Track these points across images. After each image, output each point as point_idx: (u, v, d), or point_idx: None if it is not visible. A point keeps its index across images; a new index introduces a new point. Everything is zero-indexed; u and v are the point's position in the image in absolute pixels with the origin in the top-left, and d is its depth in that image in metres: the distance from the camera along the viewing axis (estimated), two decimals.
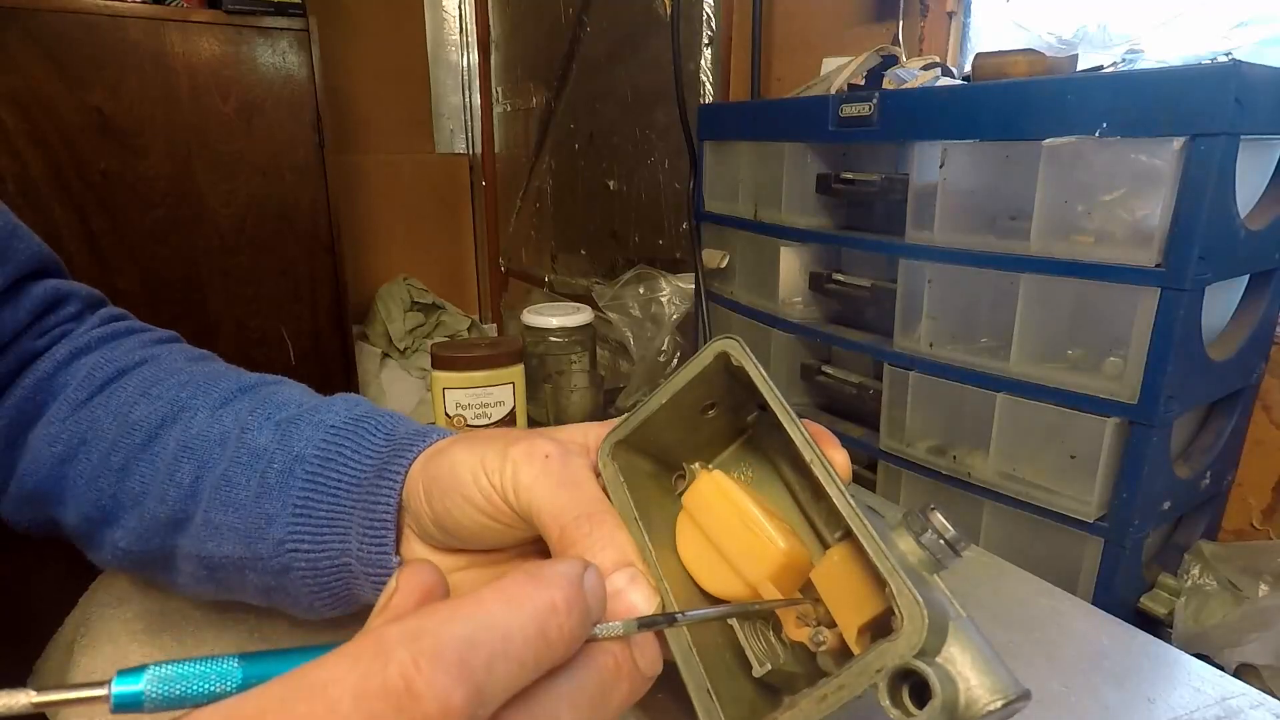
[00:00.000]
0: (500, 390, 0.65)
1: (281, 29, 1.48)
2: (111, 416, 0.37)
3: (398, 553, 0.31)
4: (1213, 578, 0.74)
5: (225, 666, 0.16)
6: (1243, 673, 0.66)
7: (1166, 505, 0.71)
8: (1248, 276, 0.73)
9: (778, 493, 0.31)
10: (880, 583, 0.22)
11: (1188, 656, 0.37)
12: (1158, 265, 0.62)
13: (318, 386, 0.40)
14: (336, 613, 0.35)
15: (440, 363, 0.64)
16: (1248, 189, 0.65)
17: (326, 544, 0.32)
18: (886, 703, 0.21)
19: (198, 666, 0.16)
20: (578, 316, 0.83)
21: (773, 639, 0.27)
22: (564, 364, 0.84)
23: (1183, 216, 0.60)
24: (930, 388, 0.81)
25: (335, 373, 1.68)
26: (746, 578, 0.26)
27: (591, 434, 0.32)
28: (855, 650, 0.23)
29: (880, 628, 0.23)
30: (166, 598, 0.40)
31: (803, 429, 0.25)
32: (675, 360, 1.40)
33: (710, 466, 0.30)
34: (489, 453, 0.28)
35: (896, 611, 0.21)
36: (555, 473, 0.27)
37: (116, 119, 1.37)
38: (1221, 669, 0.37)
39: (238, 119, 1.48)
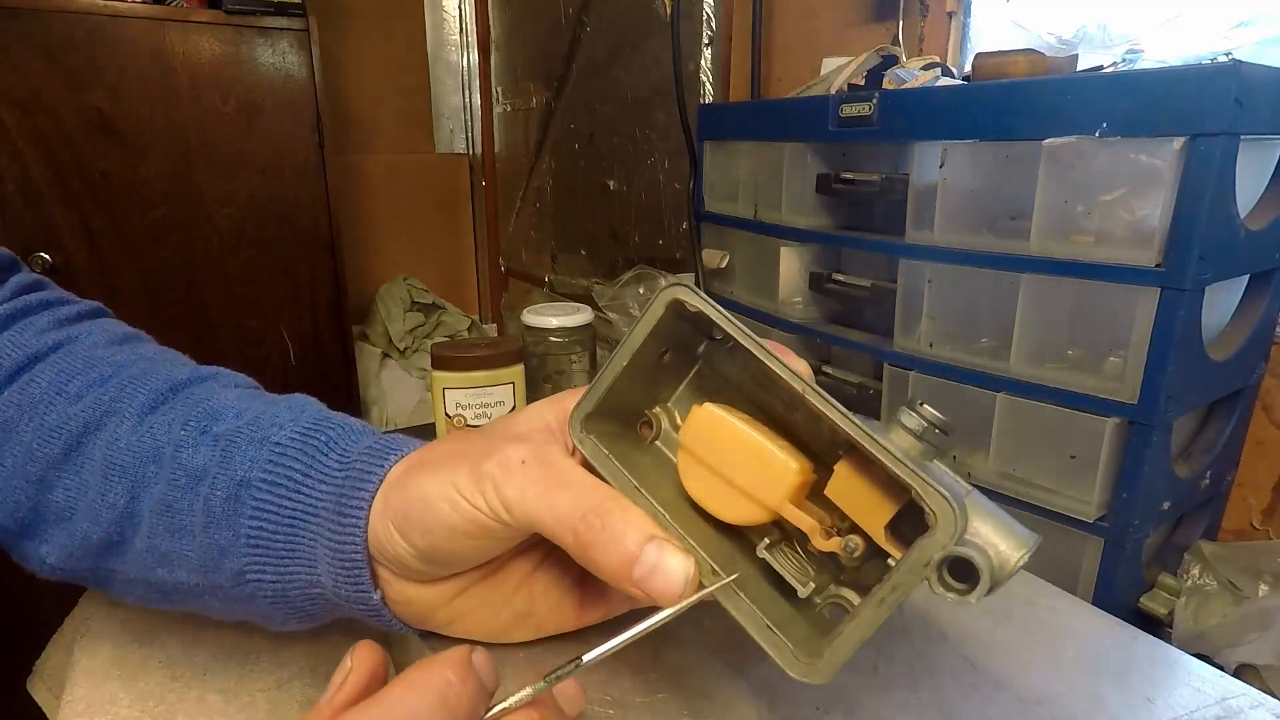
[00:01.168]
0: (500, 390, 0.65)
1: (281, 29, 1.48)
2: (25, 416, 0.32)
3: (377, 588, 0.30)
4: (1213, 578, 0.74)
5: None
6: (1243, 673, 0.66)
7: (1166, 505, 0.71)
8: (1248, 276, 0.73)
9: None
10: (890, 483, 0.24)
11: (1188, 656, 0.37)
12: (1158, 265, 0.62)
13: (318, 387, 0.38)
14: (309, 627, 0.33)
15: (440, 363, 0.64)
16: (1248, 189, 0.65)
17: (292, 574, 0.30)
18: (940, 590, 0.23)
19: None
20: (578, 316, 0.83)
21: (801, 558, 0.28)
22: (564, 364, 0.84)
23: (1183, 216, 0.60)
24: (930, 388, 0.81)
25: (335, 373, 1.68)
26: (764, 503, 0.26)
27: (549, 413, 0.31)
28: (888, 548, 0.25)
29: (902, 521, 0.25)
30: None
31: (779, 358, 0.26)
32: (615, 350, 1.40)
33: (669, 404, 0.31)
34: (459, 477, 0.27)
35: (927, 509, 0.23)
36: (539, 478, 0.27)
37: (116, 119, 1.37)
38: (1221, 669, 0.37)
39: (238, 119, 1.48)
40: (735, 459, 0.27)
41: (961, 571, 0.23)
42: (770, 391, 0.30)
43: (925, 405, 0.25)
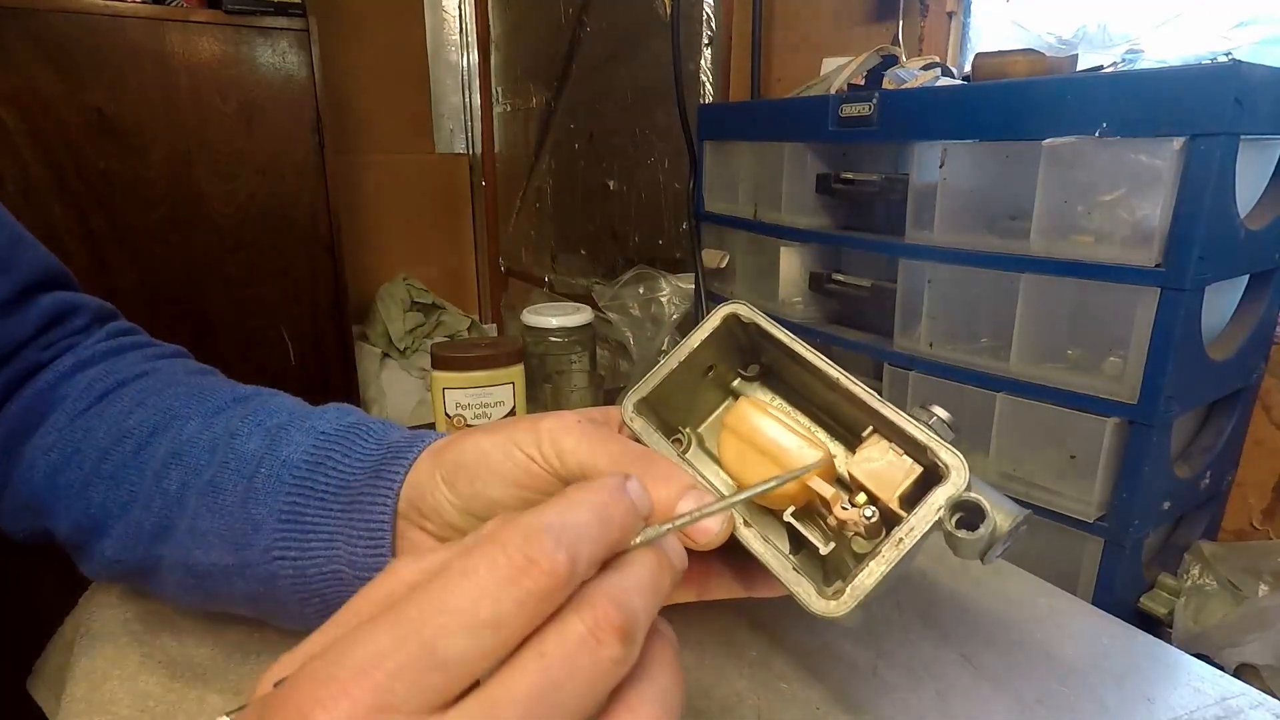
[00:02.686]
0: (500, 390, 0.65)
1: (281, 29, 1.48)
2: (106, 426, 0.36)
3: (394, 555, 0.31)
4: (1213, 578, 0.74)
5: None
6: (1243, 673, 0.66)
7: (1166, 505, 0.71)
8: (1248, 276, 0.73)
9: None
10: (904, 461, 0.29)
11: (1188, 656, 0.37)
12: (1158, 265, 0.62)
13: (318, 387, 0.40)
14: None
15: (440, 363, 0.64)
16: (1248, 189, 0.65)
17: (313, 552, 0.31)
18: (951, 528, 0.27)
19: None
20: (578, 316, 0.83)
21: (824, 528, 0.32)
22: (564, 364, 0.84)
23: (1183, 216, 0.60)
24: (930, 388, 0.81)
25: (335, 373, 1.68)
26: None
27: (594, 414, 0.34)
28: (901, 514, 0.28)
29: (913, 495, 0.29)
30: None
31: (820, 355, 0.30)
32: (668, 350, 1.40)
33: (699, 429, 0.36)
34: (517, 432, 0.29)
35: (941, 464, 0.27)
36: (594, 434, 0.29)
37: (116, 119, 1.37)
38: (1221, 669, 0.37)
39: (238, 119, 1.48)
40: (773, 438, 0.31)
41: (968, 519, 0.27)
42: (793, 417, 0.34)
43: (935, 405, 0.29)
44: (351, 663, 0.16)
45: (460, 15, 2.38)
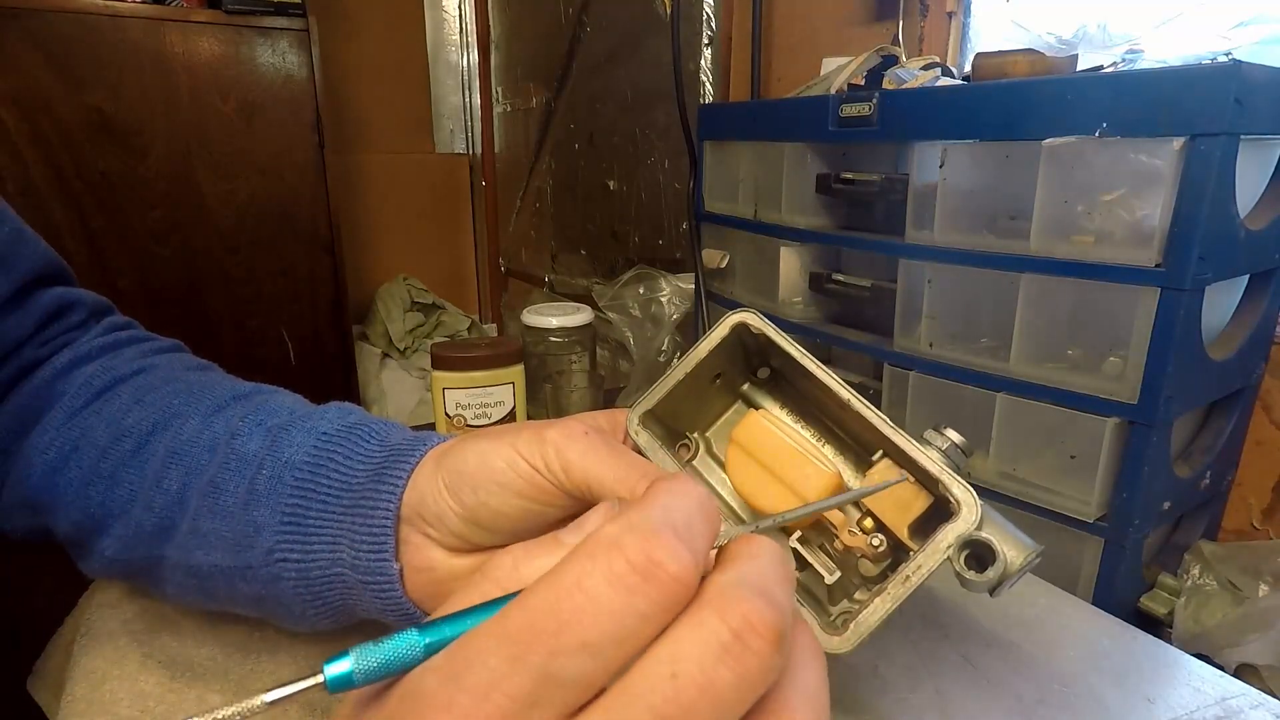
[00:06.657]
0: (500, 390, 0.65)
1: (281, 29, 1.48)
2: (104, 424, 0.36)
3: (397, 559, 0.31)
4: (1213, 578, 0.74)
5: (409, 638, 0.18)
6: (1243, 673, 0.66)
7: (1166, 505, 0.71)
8: (1248, 276, 0.73)
9: None
10: (915, 490, 0.28)
11: (1188, 656, 0.37)
12: (1158, 265, 0.62)
13: (317, 387, 0.40)
14: (331, 625, 0.34)
15: (440, 363, 0.64)
16: (1248, 189, 0.65)
17: (316, 553, 0.31)
18: (961, 567, 0.26)
19: (389, 643, 0.18)
20: (578, 316, 0.83)
21: (829, 553, 0.31)
22: (564, 364, 0.84)
23: (1183, 216, 0.60)
24: (930, 388, 0.81)
25: (335, 373, 1.68)
26: (803, 496, 0.30)
27: (601, 418, 0.34)
28: (910, 545, 0.28)
29: (922, 523, 0.28)
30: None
31: (832, 373, 0.30)
32: (675, 360, 1.40)
33: (707, 434, 0.35)
34: (521, 440, 0.29)
35: (952, 499, 0.26)
36: (601, 445, 0.28)
37: (116, 119, 1.37)
38: (1221, 669, 0.37)
39: (238, 119, 1.48)
40: (781, 457, 0.30)
41: (978, 557, 0.26)
42: (804, 423, 0.34)
43: (948, 428, 0.28)
44: (470, 685, 0.15)
45: (460, 15, 2.38)
